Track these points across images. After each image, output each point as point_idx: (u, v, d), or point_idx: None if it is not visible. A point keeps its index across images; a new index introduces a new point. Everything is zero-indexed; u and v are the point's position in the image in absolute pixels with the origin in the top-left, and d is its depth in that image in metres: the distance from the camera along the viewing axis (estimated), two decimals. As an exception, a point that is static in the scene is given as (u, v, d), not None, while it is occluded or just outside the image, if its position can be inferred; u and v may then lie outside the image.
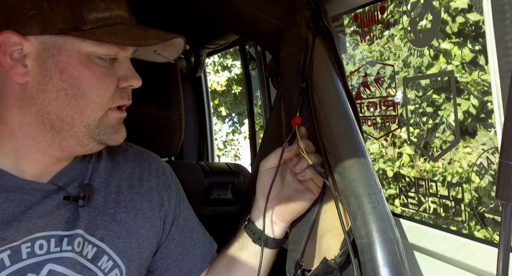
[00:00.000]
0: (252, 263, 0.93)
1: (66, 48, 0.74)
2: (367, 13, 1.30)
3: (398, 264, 0.73)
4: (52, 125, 0.77)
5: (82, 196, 0.82)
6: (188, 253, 0.95)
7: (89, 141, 0.79)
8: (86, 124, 0.77)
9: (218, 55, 6.91)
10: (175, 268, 0.95)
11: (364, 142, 0.88)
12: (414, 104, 1.90)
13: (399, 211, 1.75)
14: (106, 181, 0.88)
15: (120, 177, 0.90)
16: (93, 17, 0.74)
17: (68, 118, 0.76)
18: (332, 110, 0.90)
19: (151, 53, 0.87)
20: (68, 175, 0.83)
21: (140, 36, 0.77)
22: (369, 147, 2.54)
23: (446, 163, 2.05)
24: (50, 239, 0.78)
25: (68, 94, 0.75)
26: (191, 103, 2.12)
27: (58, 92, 0.75)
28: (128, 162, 0.93)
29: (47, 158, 0.80)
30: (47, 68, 0.74)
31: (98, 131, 0.79)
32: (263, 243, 0.91)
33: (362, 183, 0.79)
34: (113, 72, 0.78)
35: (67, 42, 0.74)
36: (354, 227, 0.78)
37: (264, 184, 0.92)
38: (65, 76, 0.74)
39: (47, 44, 0.74)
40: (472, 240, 0.81)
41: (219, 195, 1.47)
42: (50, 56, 0.74)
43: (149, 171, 0.94)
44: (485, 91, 1.89)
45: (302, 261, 0.91)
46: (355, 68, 2.16)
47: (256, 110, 2.11)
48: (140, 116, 1.31)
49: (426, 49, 1.86)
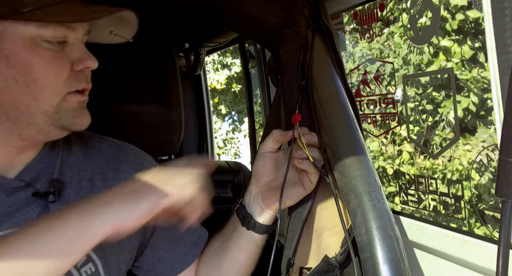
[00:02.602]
0: (241, 246, 0.92)
1: (8, 33, 0.71)
2: (366, 11, 1.30)
3: (398, 262, 0.73)
4: (6, 115, 0.74)
5: (52, 191, 0.79)
6: (179, 242, 0.95)
7: (50, 128, 0.76)
8: (44, 110, 0.74)
9: (217, 53, 6.91)
10: (167, 258, 0.94)
11: (364, 140, 0.88)
12: (414, 102, 1.90)
13: (399, 208, 1.76)
14: (78, 175, 0.85)
15: (93, 170, 0.87)
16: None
17: (23, 106, 0.73)
18: (331, 108, 0.90)
19: (107, 34, 0.83)
20: (35, 170, 0.81)
21: (84, 12, 0.74)
22: (369, 145, 2.54)
23: (446, 161, 2.06)
24: None
25: (18, 81, 0.72)
26: (191, 101, 2.12)
27: (7, 81, 0.72)
28: (103, 154, 0.90)
29: (8, 149, 0.78)
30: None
31: (58, 117, 0.76)
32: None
33: (362, 181, 0.79)
34: (64, 55, 0.75)
35: (8, 27, 0.71)
36: (354, 225, 0.78)
37: (257, 168, 0.92)
38: (12, 63, 0.71)
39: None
40: (472, 237, 0.81)
41: (219, 194, 1.47)
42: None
43: (126, 163, 0.91)
44: (485, 88, 1.89)
45: (293, 259, 0.91)
46: (355, 66, 2.16)
47: (256, 108, 2.11)
48: (139, 114, 1.31)
49: (425, 46, 1.86)
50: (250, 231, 0.91)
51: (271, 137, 0.91)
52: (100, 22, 0.79)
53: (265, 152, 0.92)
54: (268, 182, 0.92)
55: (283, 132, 0.91)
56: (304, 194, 0.91)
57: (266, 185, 0.92)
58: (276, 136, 0.91)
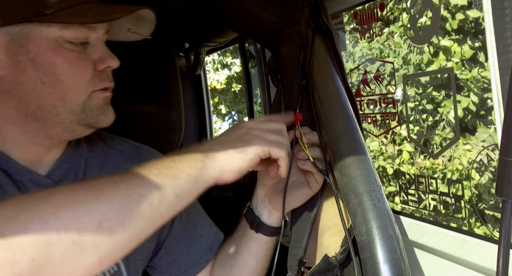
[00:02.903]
0: (251, 249, 0.92)
1: (32, 36, 0.72)
2: (366, 11, 1.30)
3: (399, 261, 0.73)
4: (34, 116, 0.75)
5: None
6: (193, 246, 0.95)
7: (76, 126, 0.77)
8: (70, 110, 0.76)
9: (217, 53, 6.91)
10: (181, 261, 0.95)
11: (364, 140, 0.88)
12: (414, 101, 1.90)
13: (399, 208, 1.76)
14: (100, 175, 0.86)
15: (114, 171, 0.88)
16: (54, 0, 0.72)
17: (49, 106, 0.75)
18: (332, 107, 0.90)
19: (126, 32, 0.85)
20: (62, 169, 0.82)
21: (104, 12, 0.75)
22: (369, 145, 2.54)
23: (446, 160, 2.06)
24: None
25: (45, 82, 0.73)
26: (191, 101, 2.12)
27: (34, 83, 0.73)
28: (124, 156, 0.92)
29: (36, 147, 0.79)
30: (18, 60, 0.73)
31: (84, 115, 0.77)
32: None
33: (362, 181, 0.79)
34: (87, 56, 0.77)
35: (32, 29, 0.72)
36: (354, 225, 0.78)
37: (262, 171, 0.92)
38: (38, 65, 0.73)
39: (13, 34, 0.72)
40: (472, 237, 0.81)
41: (219, 194, 1.47)
42: (19, 46, 0.72)
43: None
44: (485, 88, 1.89)
45: (305, 258, 0.91)
46: (355, 66, 2.16)
47: (256, 108, 2.11)
48: (140, 114, 1.31)
49: (426, 46, 1.86)
50: (259, 234, 0.92)
51: None
52: (119, 21, 0.80)
53: None
54: (274, 184, 0.92)
55: None
56: (310, 194, 0.91)
57: (272, 188, 0.92)
58: None
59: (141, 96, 1.32)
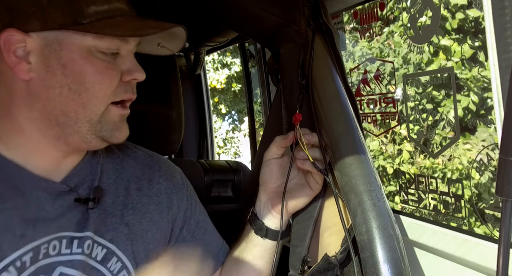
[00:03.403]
0: (257, 255, 0.93)
1: (67, 43, 0.75)
2: (366, 10, 1.30)
3: (399, 261, 0.73)
4: (57, 121, 0.77)
5: (92, 198, 0.82)
6: (201, 254, 0.95)
7: (92, 138, 0.79)
8: (89, 118, 0.78)
9: (217, 52, 6.90)
10: (188, 269, 0.95)
11: (364, 139, 0.88)
12: (414, 101, 1.90)
13: (399, 207, 1.76)
14: (116, 182, 0.88)
15: (129, 179, 0.90)
16: (92, 10, 0.74)
17: (72, 113, 0.77)
18: (332, 107, 0.90)
19: (155, 46, 0.87)
20: (78, 176, 0.84)
21: (139, 27, 0.77)
22: (369, 144, 2.54)
23: (446, 160, 2.06)
24: (62, 240, 0.78)
25: (72, 89, 0.76)
26: (191, 101, 2.12)
27: (61, 88, 0.75)
28: (138, 164, 0.94)
29: (55, 152, 0.81)
30: (50, 64, 0.75)
31: (100, 127, 0.79)
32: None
33: (362, 180, 0.79)
34: (116, 66, 0.79)
35: (68, 37, 0.75)
36: (354, 224, 0.78)
37: (264, 175, 0.93)
38: (68, 71, 0.75)
39: (48, 40, 0.74)
40: (472, 236, 0.81)
41: (219, 193, 1.47)
42: (52, 51, 0.75)
43: (159, 173, 0.94)
44: (485, 87, 1.89)
45: (308, 257, 0.91)
46: (355, 65, 2.16)
47: (256, 107, 2.11)
48: (140, 114, 1.31)
49: (426, 45, 1.86)
50: (264, 239, 0.92)
51: (274, 144, 0.93)
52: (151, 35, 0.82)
53: (270, 159, 0.93)
54: (276, 188, 0.92)
55: (284, 136, 0.92)
56: (312, 195, 0.92)
57: (275, 191, 0.92)
58: (279, 142, 0.92)
59: (141, 96, 1.31)
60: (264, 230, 0.92)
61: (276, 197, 0.92)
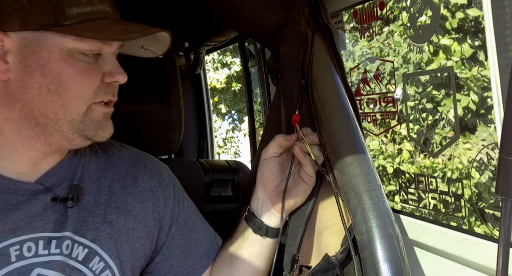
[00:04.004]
0: (254, 253, 0.93)
1: (46, 43, 0.73)
2: (366, 10, 1.30)
3: (398, 260, 0.73)
4: (36, 121, 0.76)
5: (71, 197, 0.81)
6: (190, 252, 0.95)
7: (74, 136, 0.78)
8: (71, 118, 0.76)
9: (217, 52, 6.90)
10: (178, 268, 0.95)
11: (364, 139, 0.88)
12: (414, 100, 1.90)
13: (399, 207, 1.76)
14: (98, 181, 0.87)
15: (112, 178, 0.89)
16: (74, 12, 0.73)
17: (51, 114, 0.76)
18: (332, 106, 0.90)
19: (139, 49, 0.86)
20: (56, 175, 0.83)
21: (122, 31, 0.76)
22: (369, 144, 2.54)
23: (446, 159, 2.06)
24: (38, 241, 0.77)
25: (51, 90, 0.74)
26: (191, 100, 2.12)
27: (40, 88, 0.74)
28: (122, 162, 0.92)
29: (34, 153, 0.80)
30: (28, 64, 0.74)
31: (83, 126, 0.78)
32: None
33: (362, 180, 0.79)
34: (97, 67, 0.77)
35: (48, 38, 0.73)
36: (354, 224, 0.78)
37: (263, 174, 0.92)
38: (46, 72, 0.74)
39: (27, 40, 0.73)
40: (472, 235, 0.81)
41: (219, 193, 1.47)
42: (31, 52, 0.73)
43: (144, 171, 0.93)
44: (485, 86, 1.89)
45: (298, 256, 0.91)
46: (355, 65, 2.16)
47: (256, 107, 2.11)
48: (139, 114, 1.31)
49: (425, 45, 1.86)
50: (263, 237, 0.92)
51: (274, 143, 0.91)
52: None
53: (269, 158, 0.93)
54: (275, 186, 0.92)
55: (287, 136, 0.91)
56: (308, 189, 0.91)
57: (274, 190, 0.92)
58: (280, 142, 0.91)
59: (140, 95, 1.31)
60: (264, 229, 0.91)
61: (275, 195, 0.92)
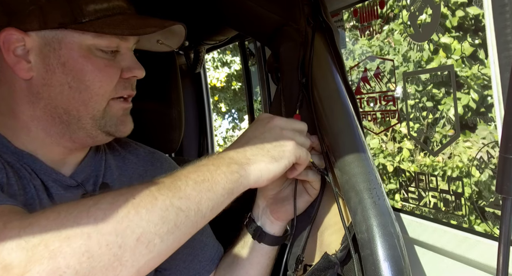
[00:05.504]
0: (253, 260, 0.93)
1: (66, 41, 0.75)
2: (366, 8, 1.30)
3: (399, 259, 0.73)
4: (60, 118, 0.78)
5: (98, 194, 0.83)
6: (197, 254, 0.96)
7: (97, 133, 0.80)
8: (92, 115, 0.78)
9: (217, 51, 6.90)
10: (184, 269, 0.95)
11: (364, 137, 0.88)
12: (414, 99, 1.90)
13: (399, 205, 1.76)
14: (119, 179, 0.89)
15: (131, 176, 0.91)
16: (91, 9, 0.75)
17: (74, 111, 0.78)
18: (332, 105, 0.90)
19: (155, 43, 0.88)
20: (85, 172, 0.85)
21: (139, 25, 0.77)
22: (369, 142, 2.54)
23: (446, 158, 2.06)
24: None
25: (72, 87, 0.76)
26: (191, 99, 2.12)
27: (62, 86, 0.76)
28: (140, 161, 0.94)
29: (61, 149, 0.82)
30: (49, 63, 0.75)
31: (104, 122, 0.80)
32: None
33: (362, 178, 0.79)
34: (116, 64, 0.79)
35: (67, 35, 0.75)
36: (354, 222, 0.78)
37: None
38: (67, 70, 0.75)
39: (47, 38, 0.75)
40: (472, 234, 0.81)
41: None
42: (52, 50, 0.75)
43: (161, 171, 0.95)
44: (485, 85, 1.89)
45: (303, 256, 0.91)
46: (355, 63, 2.16)
47: (256, 106, 2.11)
48: (140, 112, 1.31)
49: (426, 43, 1.86)
50: (261, 244, 0.92)
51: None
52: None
53: None
54: (274, 194, 0.92)
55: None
56: (310, 200, 0.92)
57: (273, 198, 0.92)
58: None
59: (141, 94, 1.31)
60: (263, 235, 0.92)
61: (274, 203, 0.92)
